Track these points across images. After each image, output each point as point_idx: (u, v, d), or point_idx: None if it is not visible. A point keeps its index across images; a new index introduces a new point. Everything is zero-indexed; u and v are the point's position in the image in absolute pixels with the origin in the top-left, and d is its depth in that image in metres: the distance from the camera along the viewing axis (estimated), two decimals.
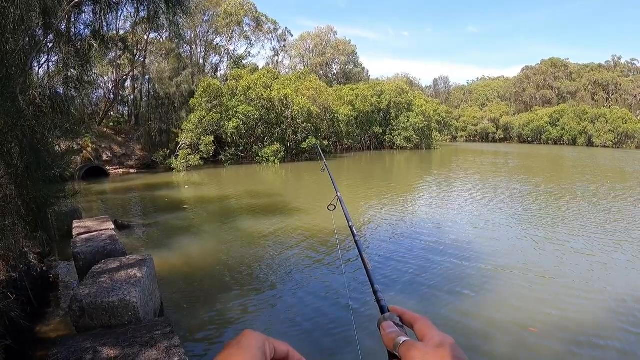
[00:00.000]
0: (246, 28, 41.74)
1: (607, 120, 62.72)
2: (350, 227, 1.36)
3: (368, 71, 69.83)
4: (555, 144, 68.01)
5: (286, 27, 49.01)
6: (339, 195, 1.75)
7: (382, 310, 0.77)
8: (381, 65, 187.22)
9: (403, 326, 0.69)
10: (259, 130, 31.37)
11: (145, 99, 32.71)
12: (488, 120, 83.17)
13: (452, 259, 8.10)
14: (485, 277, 7.15)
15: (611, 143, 60.74)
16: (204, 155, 27.97)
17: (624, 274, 7.37)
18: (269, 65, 46.22)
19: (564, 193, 17.11)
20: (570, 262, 7.99)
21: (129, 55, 29.67)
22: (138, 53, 30.26)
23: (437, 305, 6.09)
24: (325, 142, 35.11)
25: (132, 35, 27.40)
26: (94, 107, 30.18)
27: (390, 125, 48.12)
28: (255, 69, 38.18)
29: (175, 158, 26.97)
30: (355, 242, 1.21)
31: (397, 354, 0.61)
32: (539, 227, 10.90)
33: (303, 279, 7.20)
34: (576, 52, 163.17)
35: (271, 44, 47.79)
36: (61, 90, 7.04)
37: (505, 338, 5.16)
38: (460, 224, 11.34)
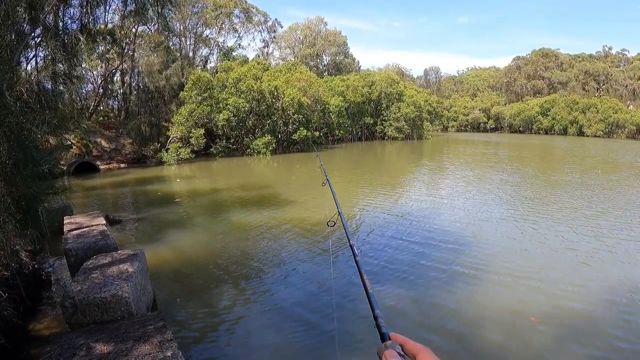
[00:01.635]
0: (236, 20, 41.39)
1: (597, 110, 63.13)
2: (350, 245, 1.31)
3: (359, 62, 69.81)
4: (546, 133, 68.45)
5: (276, 19, 48.76)
6: (339, 211, 1.71)
7: (383, 337, 0.76)
8: (373, 56, 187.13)
9: (405, 356, 0.68)
10: (250, 122, 31.24)
11: (135, 92, 32.32)
12: (479, 110, 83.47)
13: (442, 253, 8.18)
14: (474, 272, 7.24)
15: (602, 133, 61.23)
16: (195, 148, 27.92)
17: (619, 266, 7.48)
18: (259, 56, 45.87)
19: (555, 184, 17.29)
20: (561, 256, 8.11)
21: (117, 48, 29.26)
22: (127, 46, 29.86)
23: (426, 298, 6.16)
24: (317, 134, 35.04)
25: (120, 29, 27.02)
26: (83, 102, 29.83)
27: (381, 116, 48.03)
28: (245, 61, 37.95)
29: (166, 151, 26.81)
30: (356, 262, 1.16)
31: None
32: (529, 220, 11.02)
33: (295, 271, 7.24)
34: (567, 42, 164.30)
35: (261, 35, 47.43)
36: (49, 86, 6.98)
37: (501, 329, 5.24)
38: (449, 216, 11.44)
